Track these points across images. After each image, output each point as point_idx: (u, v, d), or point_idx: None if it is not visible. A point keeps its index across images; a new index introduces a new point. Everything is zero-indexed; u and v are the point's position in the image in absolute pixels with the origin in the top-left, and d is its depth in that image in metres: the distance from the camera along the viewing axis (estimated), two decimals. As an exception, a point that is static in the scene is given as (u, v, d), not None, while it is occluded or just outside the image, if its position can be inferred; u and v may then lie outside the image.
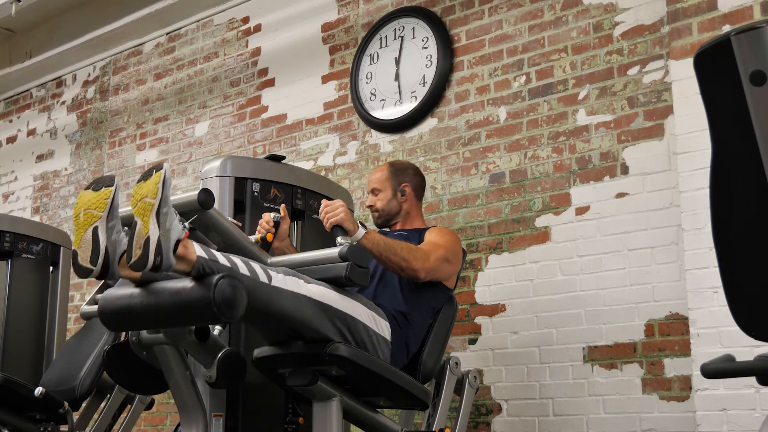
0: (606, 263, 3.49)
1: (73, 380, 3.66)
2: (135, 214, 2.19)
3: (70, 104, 6.14)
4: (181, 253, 2.21)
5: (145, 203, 2.17)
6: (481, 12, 4.12)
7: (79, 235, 2.22)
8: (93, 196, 2.24)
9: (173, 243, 2.17)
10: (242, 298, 2.23)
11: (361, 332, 2.61)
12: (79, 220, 2.23)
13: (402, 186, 3.17)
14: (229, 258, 2.34)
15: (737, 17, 3.12)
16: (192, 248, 2.25)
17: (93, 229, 2.19)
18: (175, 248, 2.17)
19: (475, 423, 3.71)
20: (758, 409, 2.87)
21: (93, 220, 2.20)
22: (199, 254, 2.25)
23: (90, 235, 2.19)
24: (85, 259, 2.19)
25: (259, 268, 2.39)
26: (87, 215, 2.21)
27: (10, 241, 4.20)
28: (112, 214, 2.21)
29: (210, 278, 2.21)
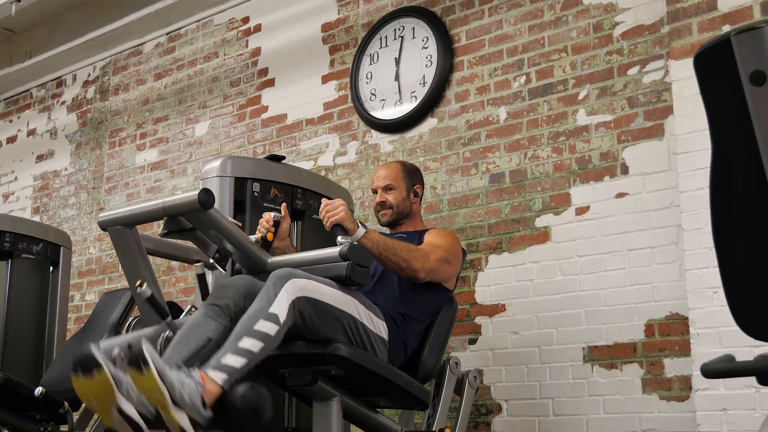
0: (606, 263, 3.49)
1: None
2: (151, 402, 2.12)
3: (70, 104, 6.14)
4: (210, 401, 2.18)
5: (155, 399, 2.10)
6: (481, 12, 4.12)
7: (106, 417, 2.15)
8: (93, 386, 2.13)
9: (200, 404, 2.15)
10: (267, 403, 2.26)
11: (360, 331, 2.62)
12: (95, 405, 2.17)
13: (415, 187, 3.19)
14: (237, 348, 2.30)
15: (737, 17, 3.12)
16: (213, 386, 2.21)
17: (117, 410, 2.12)
18: (203, 404, 2.16)
19: (475, 423, 3.71)
20: (758, 409, 2.87)
21: (110, 404, 2.12)
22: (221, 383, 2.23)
23: (117, 415, 2.12)
24: None
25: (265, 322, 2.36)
26: (100, 402, 2.14)
27: (10, 241, 4.20)
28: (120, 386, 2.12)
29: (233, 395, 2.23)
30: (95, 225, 5.48)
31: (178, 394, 2.10)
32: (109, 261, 5.46)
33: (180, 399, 2.10)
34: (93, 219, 5.64)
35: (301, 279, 2.47)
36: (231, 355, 2.29)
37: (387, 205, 3.14)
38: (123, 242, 2.71)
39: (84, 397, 2.17)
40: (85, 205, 5.80)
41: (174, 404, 2.10)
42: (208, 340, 2.40)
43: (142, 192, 5.44)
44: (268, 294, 2.41)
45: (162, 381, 2.08)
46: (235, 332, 2.35)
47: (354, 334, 2.60)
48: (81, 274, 5.63)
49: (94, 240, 5.64)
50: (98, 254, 5.60)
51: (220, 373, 2.24)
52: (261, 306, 2.39)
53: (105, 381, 2.09)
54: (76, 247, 5.60)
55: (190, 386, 2.14)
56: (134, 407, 2.11)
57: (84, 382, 2.12)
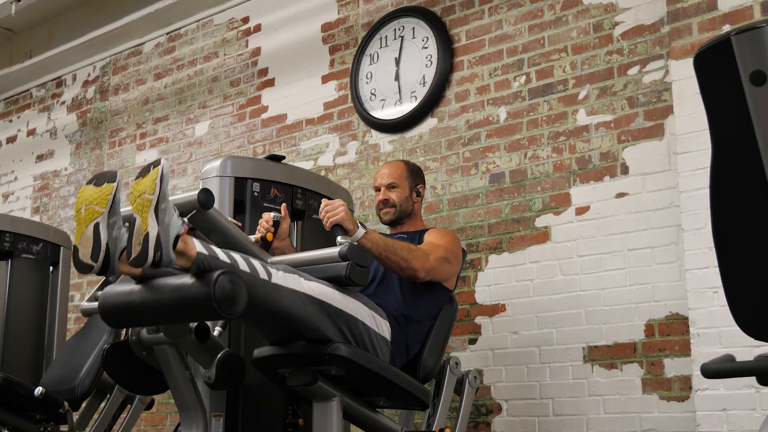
0: (606, 263, 3.48)
1: (73, 380, 3.65)
2: (134, 211, 2.18)
3: (70, 104, 6.14)
4: (181, 249, 2.20)
5: (143, 199, 2.16)
6: (481, 12, 4.11)
7: (80, 230, 2.21)
8: (94, 192, 2.22)
9: (172, 238, 2.16)
10: (242, 295, 2.22)
11: (361, 331, 2.61)
12: (80, 215, 2.22)
13: (417, 187, 3.19)
14: (229, 254, 2.34)
15: (737, 17, 3.12)
16: (191, 244, 2.24)
17: (94, 225, 2.18)
18: (174, 244, 2.17)
19: (475, 423, 3.71)
20: (758, 409, 2.87)
21: (94, 216, 2.18)
22: (199, 250, 2.25)
23: (91, 231, 2.18)
24: (86, 255, 2.18)
25: (259, 265, 2.39)
26: (88, 211, 2.20)
27: (10, 241, 4.20)
28: (114, 210, 2.20)
29: (210, 274, 2.21)
30: (95, 225, 5.47)
31: (163, 207, 2.15)
32: (109, 261, 5.45)
33: (162, 213, 2.14)
34: (93, 219, 5.63)
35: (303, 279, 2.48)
36: (219, 250, 2.33)
37: (390, 204, 3.14)
38: (123, 242, 2.70)
39: (79, 204, 2.24)
40: (85, 205, 5.79)
41: (155, 213, 2.14)
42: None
43: (142, 192, 5.43)
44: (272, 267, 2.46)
45: (160, 184, 2.15)
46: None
47: (355, 334, 2.60)
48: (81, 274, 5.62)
49: (94, 240, 5.63)
50: (98, 254, 5.59)
51: (202, 246, 2.27)
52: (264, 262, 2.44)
53: (106, 194, 2.18)
54: (76, 247, 5.59)
55: (175, 221, 2.19)
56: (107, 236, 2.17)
57: (90, 189, 2.23)
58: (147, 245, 2.12)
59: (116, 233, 2.19)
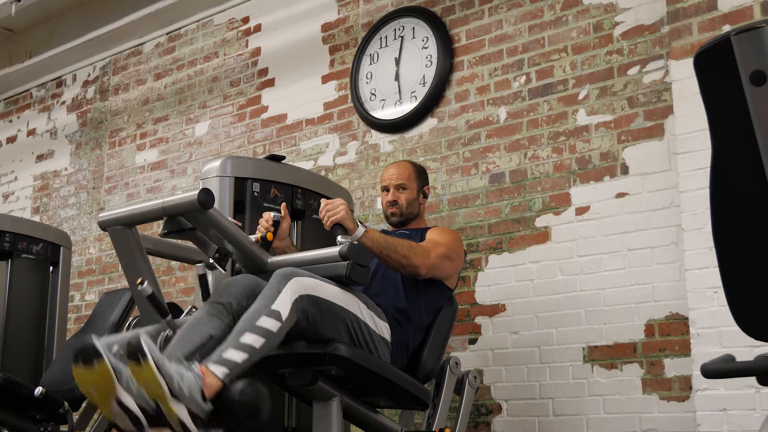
0: (606, 263, 3.48)
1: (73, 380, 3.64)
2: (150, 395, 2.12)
3: (70, 104, 6.14)
4: (210, 395, 2.18)
5: (154, 390, 2.10)
6: (481, 12, 4.12)
7: (106, 410, 2.16)
8: (93, 375, 2.12)
9: (200, 397, 2.14)
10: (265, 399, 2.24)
11: (363, 331, 2.62)
12: (94, 397, 2.16)
13: (424, 188, 3.20)
14: (239, 342, 2.30)
15: (737, 17, 3.12)
16: (214, 380, 2.20)
17: (116, 401, 2.11)
18: (203, 398, 2.15)
19: (475, 423, 3.71)
20: (758, 409, 2.86)
21: (110, 393, 2.11)
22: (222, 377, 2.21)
23: (117, 407, 2.12)
24: (129, 427, 2.13)
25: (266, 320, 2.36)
26: (100, 392, 2.13)
27: (10, 241, 4.20)
28: (120, 377, 2.11)
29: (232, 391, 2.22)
30: (95, 225, 5.48)
31: (176, 387, 2.10)
32: (109, 261, 5.46)
33: (179, 391, 2.10)
34: (93, 219, 5.64)
35: (304, 277, 2.47)
36: (232, 350, 2.28)
37: (398, 204, 3.14)
38: (123, 242, 2.71)
39: (84, 388, 2.17)
40: (85, 205, 5.80)
41: (173, 397, 2.09)
42: (210, 337, 2.39)
43: (142, 192, 5.44)
44: (272, 291, 2.41)
45: (160, 373, 2.08)
46: (238, 328, 2.35)
47: (356, 333, 2.60)
48: (81, 274, 5.63)
49: (94, 240, 5.64)
50: (98, 254, 5.60)
51: (220, 367, 2.23)
52: (264, 303, 2.39)
53: (105, 372, 2.09)
54: (76, 247, 5.60)
55: (190, 379, 2.14)
56: (134, 400, 2.11)
57: (84, 372, 2.12)
58: (187, 428, 2.12)
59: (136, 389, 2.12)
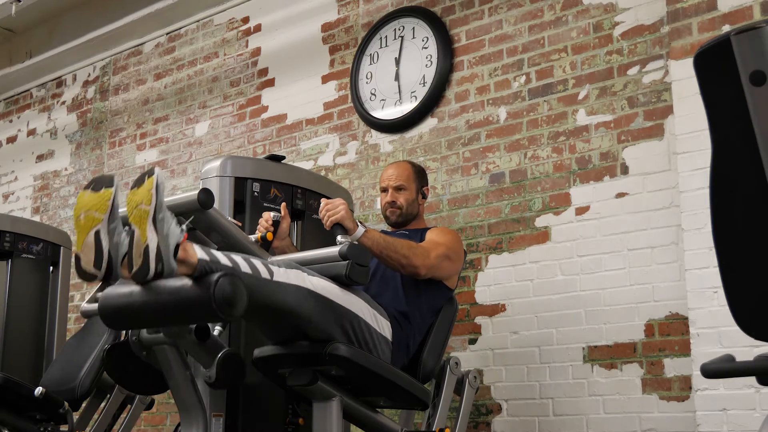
0: (606, 263, 3.48)
1: (73, 380, 3.65)
2: (131, 222, 2.17)
3: (70, 104, 6.14)
4: (182, 257, 2.19)
5: (140, 210, 2.15)
6: (481, 12, 4.12)
7: (80, 238, 2.20)
8: (93, 198, 2.21)
9: (173, 248, 2.16)
10: (242, 296, 2.22)
11: (363, 330, 2.61)
12: (80, 222, 2.21)
13: (423, 188, 3.19)
14: (230, 257, 2.33)
15: (737, 17, 3.12)
16: (192, 251, 2.23)
17: (95, 232, 2.17)
18: (175, 253, 2.16)
19: (475, 423, 3.71)
20: (758, 409, 2.87)
21: (94, 223, 2.18)
22: (200, 257, 2.23)
23: (92, 238, 2.17)
24: (89, 263, 2.18)
25: (261, 265, 2.38)
26: (88, 218, 2.19)
27: (10, 241, 4.20)
28: (113, 216, 2.19)
29: (210, 277, 2.20)
30: (95, 225, 5.47)
31: (161, 216, 2.14)
32: (109, 261, 5.45)
33: (160, 223, 2.13)
34: (93, 219, 5.63)
35: (305, 274, 2.48)
36: (220, 253, 2.31)
37: (397, 205, 3.14)
38: (123, 242, 2.70)
39: (77, 211, 2.22)
40: (85, 205, 5.79)
41: (153, 223, 2.13)
42: None
43: (142, 192, 5.43)
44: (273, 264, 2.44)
45: (156, 194, 2.13)
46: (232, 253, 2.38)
47: (357, 332, 2.60)
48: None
49: (94, 240, 5.63)
50: (98, 254, 5.59)
51: (202, 251, 2.26)
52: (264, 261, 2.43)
53: (104, 200, 2.17)
54: (76, 247, 5.60)
55: (174, 229, 2.17)
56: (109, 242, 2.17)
57: (88, 195, 2.22)
58: (148, 258, 2.12)
59: (117, 239, 2.18)
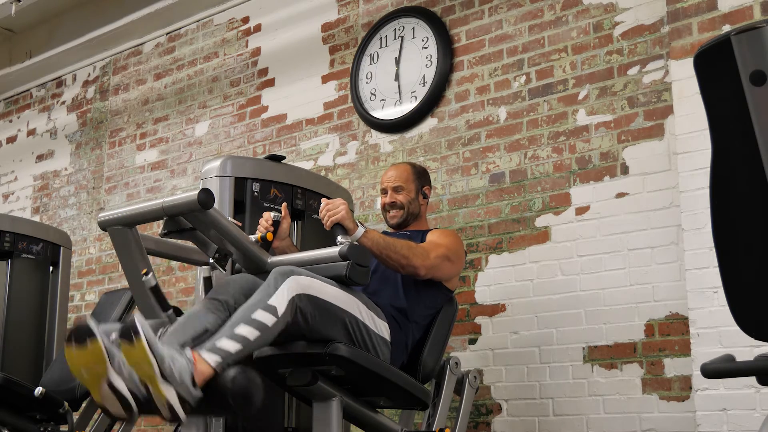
0: (606, 263, 3.48)
1: (73, 380, 3.65)
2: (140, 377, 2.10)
3: (70, 104, 6.14)
4: (201, 381, 2.17)
5: (144, 372, 2.08)
6: (481, 12, 4.12)
7: (95, 392, 2.13)
8: (84, 355, 2.10)
9: (190, 382, 2.13)
10: (257, 388, 2.24)
11: (362, 332, 2.61)
12: (86, 378, 2.14)
13: (424, 189, 3.18)
14: (234, 334, 2.29)
15: (737, 17, 3.12)
16: (205, 367, 2.19)
17: (107, 384, 2.10)
18: (193, 383, 2.14)
19: (475, 423, 3.71)
20: (758, 409, 2.87)
21: (101, 375, 2.10)
22: (214, 366, 2.21)
23: (107, 390, 2.10)
24: (119, 412, 2.12)
25: (262, 312, 2.34)
26: (91, 373, 2.11)
27: (10, 241, 4.20)
28: (112, 359, 2.10)
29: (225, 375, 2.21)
30: (95, 225, 5.48)
31: (167, 368, 2.09)
32: (109, 261, 5.46)
33: (169, 373, 2.09)
34: (93, 219, 5.64)
35: (302, 276, 2.47)
36: (226, 340, 2.28)
37: (397, 206, 3.13)
38: (123, 242, 2.70)
39: (75, 369, 2.14)
40: (85, 205, 5.80)
41: (163, 378, 2.08)
42: (205, 330, 2.38)
43: (142, 192, 5.44)
44: (269, 287, 2.41)
45: (152, 352, 2.07)
46: (233, 319, 2.35)
47: (356, 333, 2.60)
48: (81, 274, 5.63)
49: (94, 240, 5.64)
50: (98, 254, 5.60)
51: (213, 355, 2.23)
52: (261, 297, 2.39)
53: (98, 352, 2.07)
54: (76, 247, 5.60)
55: (181, 363, 2.13)
56: (125, 383, 2.09)
57: (77, 352, 2.10)
58: (175, 411, 2.10)
59: (127, 372, 2.10)
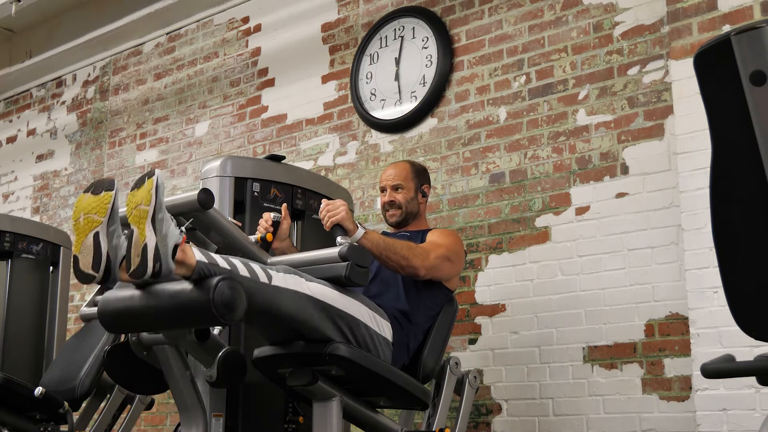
0: (606, 263, 3.48)
1: (73, 380, 3.65)
2: (131, 222, 2.19)
3: (70, 104, 6.14)
4: (180, 258, 2.20)
5: (139, 210, 2.16)
6: (481, 12, 4.12)
7: (79, 240, 2.21)
8: (93, 200, 2.23)
9: (171, 248, 2.17)
10: (242, 300, 2.23)
11: (363, 332, 2.61)
12: (79, 224, 2.22)
13: (423, 187, 3.18)
14: (228, 260, 2.33)
15: (737, 17, 3.12)
16: (191, 253, 2.24)
17: (94, 234, 2.19)
18: (173, 253, 2.17)
19: (475, 423, 3.71)
20: (758, 409, 2.87)
21: (94, 225, 2.19)
22: (199, 259, 2.24)
23: (91, 240, 2.19)
24: (87, 264, 2.20)
25: (259, 269, 2.39)
26: (87, 220, 2.20)
27: (10, 241, 4.20)
28: (113, 219, 2.21)
29: (209, 281, 2.21)
30: (95, 225, 5.47)
31: (160, 217, 2.15)
32: (109, 261, 5.45)
33: (159, 222, 2.15)
34: (93, 219, 5.63)
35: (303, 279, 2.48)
36: (218, 256, 2.32)
37: (396, 205, 3.13)
38: (123, 242, 2.70)
39: (77, 213, 2.24)
40: (85, 205, 5.79)
41: (152, 224, 2.14)
42: None
43: (142, 192, 5.43)
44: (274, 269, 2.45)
45: (155, 195, 2.15)
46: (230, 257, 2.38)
47: (357, 336, 2.59)
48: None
49: (94, 240, 5.63)
50: (98, 254, 5.59)
51: (201, 254, 2.27)
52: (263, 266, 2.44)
53: (105, 202, 2.19)
54: (76, 247, 5.60)
55: (173, 231, 2.19)
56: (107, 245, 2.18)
57: (87, 197, 2.24)
58: (146, 257, 2.14)
59: (116, 241, 2.20)
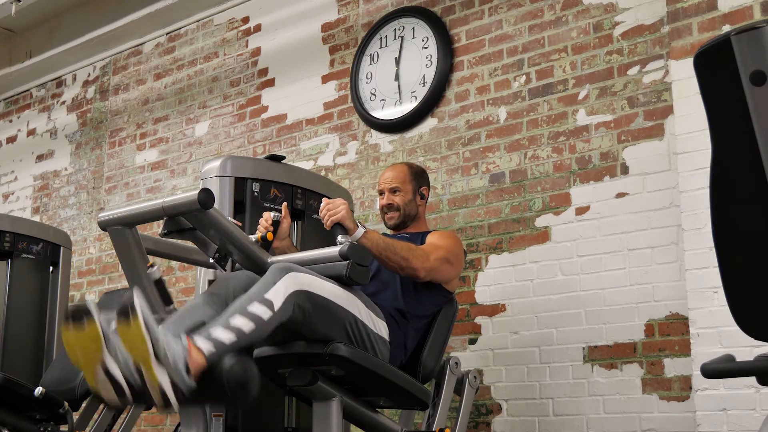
0: (606, 263, 3.49)
1: (73, 380, 3.66)
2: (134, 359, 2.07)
3: (70, 104, 6.14)
4: (194, 370, 2.14)
5: (138, 350, 2.06)
6: (481, 12, 4.12)
7: (89, 375, 2.11)
8: (81, 337, 2.07)
9: (184, 370, 2.10)
10: (254, 378, 2.23)
11: (361, 330, 2.61)
12: (80, 361, 2.11)
13: (421, 189, 3.17)
14: (229, 325, 2.28)
15: (737, 17, 3.12)
16: (198, 356, 2.17)
17: (102, 368, 2.07)
18: (186, 371, 2.11)
19: (475, 423, 3.71)
20: (758, 409, 2.87)
21: (96, 359, 2.07)
22: (207, 354, 2.19)
23: (102, 374, 2.08)
24: (112, 397, 2.10)
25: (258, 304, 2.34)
26: (86, 357, 2.09)
27: (10, 241, 4.20)
28: (110, 344, 2.08)
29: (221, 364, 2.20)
30: (95, 225, 5.48)
31: (162, 351, 2.06)
32: (109, 261, 5.46)
33: (163, 357, 2.06)
34: (93, 219, 5.64)
35: (301, 273, 2.46)
36: (221, 329, 2.26)
37: (394, 208, 3.12)
38: (123, 242, 2.71)
39: (71, 350, 2.11)
40: (85, 205, 5.80)
41: (157, 360, 2.06)
42: (202, 323, 2.35)
43: (142, 192, 5.44)
44: (267, 282, 2.40)
45: (147, 332, 2.05)
46: (229, 310, 2.34)
47: (354, 332, 2.59)
48: (81, 274, 5.63)
49: (94, 240, 5.64)
50: (98, 254, 5.60)
51: (207, 343, 2.21)
52: (257, 291, 2.38)
53: (94, 334, 2.04)
54: (76, 247, 5.60)
55: (176, 349, 2.11)
56: (120, 369, 2.06)
57: (74, 332, 2.07)
58: (167, 397, 2.07)
59: (123, 358, 2.08)
